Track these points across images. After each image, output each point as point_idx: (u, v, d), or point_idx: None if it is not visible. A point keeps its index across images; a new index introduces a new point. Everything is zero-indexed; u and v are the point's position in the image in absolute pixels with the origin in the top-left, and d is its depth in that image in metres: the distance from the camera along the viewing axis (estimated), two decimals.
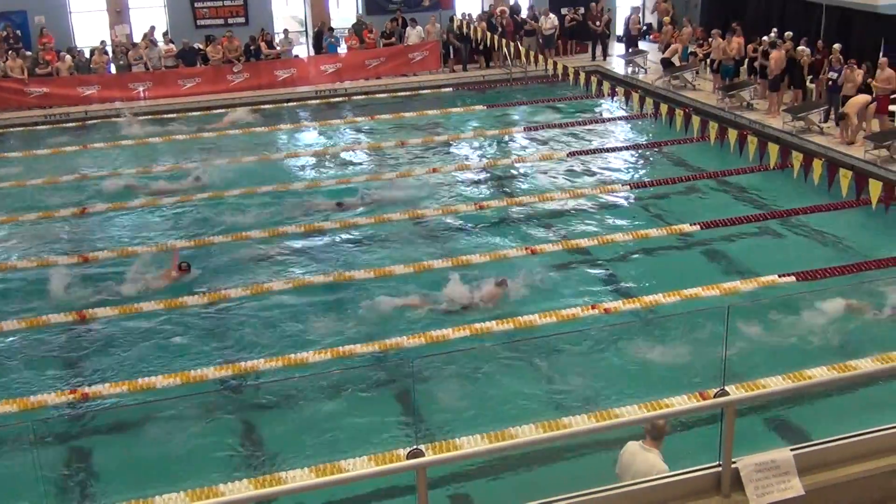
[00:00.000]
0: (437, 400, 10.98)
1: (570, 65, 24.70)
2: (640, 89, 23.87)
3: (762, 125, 21.08)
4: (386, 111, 24.85)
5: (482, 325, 12.77)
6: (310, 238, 16.28)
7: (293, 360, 12.03)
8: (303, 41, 30.24)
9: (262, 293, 14.07)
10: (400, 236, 16.20)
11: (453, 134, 22.85)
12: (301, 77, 26.94)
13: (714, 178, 18.80)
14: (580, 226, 16.52)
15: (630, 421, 7.47)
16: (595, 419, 10.35)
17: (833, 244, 15.48)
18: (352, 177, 19.51)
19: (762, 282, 13.79)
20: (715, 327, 10.97)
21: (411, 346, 12.28)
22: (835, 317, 12.65)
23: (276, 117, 24.71)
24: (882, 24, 21.98)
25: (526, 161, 20.44)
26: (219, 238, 16.31)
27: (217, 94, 25.96)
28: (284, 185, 19.03)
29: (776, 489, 5.60)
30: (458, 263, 14.85)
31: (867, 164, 17.92)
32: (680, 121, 20.04)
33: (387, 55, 27.66)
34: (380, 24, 28.31)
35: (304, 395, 11.36)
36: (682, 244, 15.69)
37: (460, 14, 28.78)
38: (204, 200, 18.32)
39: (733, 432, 5.65)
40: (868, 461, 5.90)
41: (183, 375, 11.76)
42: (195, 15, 28.46)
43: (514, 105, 25.44)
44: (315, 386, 11.45)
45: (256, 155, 21.24)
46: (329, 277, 14.48)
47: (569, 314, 13.01)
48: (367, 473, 5.52)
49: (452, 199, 17.94)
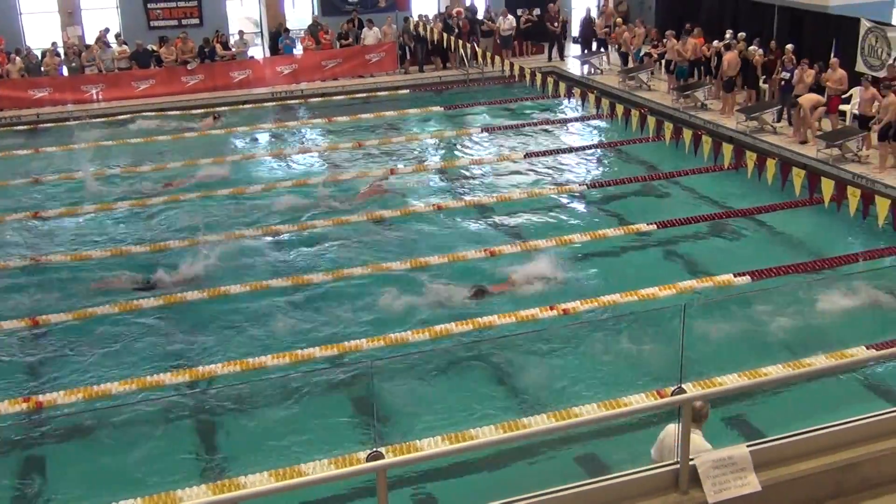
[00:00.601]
0: (396, 402, 10.97)
1: (526, 66, 24.80)
2: (596, 90, 24.03)
3: (716, 125, 21.31)
4: (343, 112, 24.77)
5: (441, 326, 12.76)
6: (267, 240, 16.18)
7: (251, 364, 11.94)
8: (258, 42, 30.06)
9: (219, 296, 13.96)
10: (358, 238, 16.16)
11: (410, 135, 22.84)
12: (257, 78, 26.77)
13: (670, 178, 18.96)
14: (538, 226, 16.58)
15: (588, 420, 7.52)
16: (554, 419, 10.39)
17: (787, 242, 15.68)
18: (308, 178, 19.42)
19: (718, 281, 13.93)
20: (672, 326, 11.09)
21: (370, 348, 12.24)
22: (789, 315, 12.83)
23: (233, 119, 24.53)
24: (833, 25, 22.31)
25: (483, 162, 20.47)
26: (175, 242, 16.16)
27: (172, 96, 25.72)
28: (241, 189, 18.90)
29: (733, 485, 5.66)
30: (416, 265, 14.84)
31: (819, 164, 18.19)
32: (636, 121, 20.20)
33: (343, 56, 27.58)
34: (335, 26, 28.22)
35: (262, 399, 11.29)
36: (638, 244, 15.81)
37: (416, 15, 28.78)
38: (161, 203, 18.15)
39: (690, 429, 5.70)
40: (822, 456, 5.98)
41: (139, 381, 11.62)
42: (148, 16, 28.16)
43: (471, 106, 25.47)
44: (274, 390, 11.38)
45: (212, 157, 21.07)
46: (287, 281, 14.40)
47: (528, 315, 13.04)
48: (326, 477, 5.50)
49: (410, 200, 17.91)
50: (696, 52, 23.52)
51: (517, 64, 25.02)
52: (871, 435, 6.13)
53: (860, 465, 5.98)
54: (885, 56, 20.41)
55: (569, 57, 29.17)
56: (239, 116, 24.77)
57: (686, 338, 9.35)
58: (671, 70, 24.12)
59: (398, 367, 11.69)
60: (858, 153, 18.28)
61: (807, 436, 6.06)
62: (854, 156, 18.26)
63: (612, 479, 5.75)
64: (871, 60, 20.83)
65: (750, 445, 5.86)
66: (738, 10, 25.58)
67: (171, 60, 26.19)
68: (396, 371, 11.60)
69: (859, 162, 18.15)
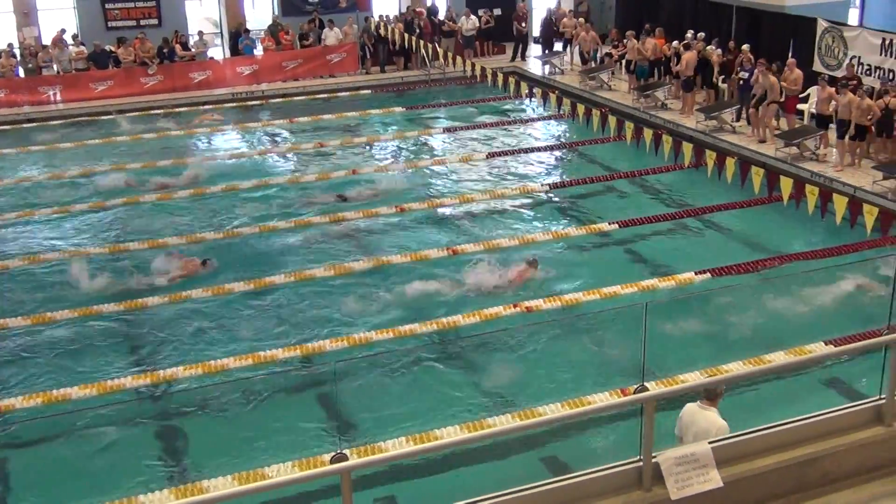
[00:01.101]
0: (361, 403, 10.94)
1: (488, 66, 24.83)
2: (557, 90, 24.12)
3: (676, 125, 21.48)
4: (304, 113, 24.66)
5: (406, 326, 12.74)
6: (229, 242, 16.06)
7: (213, 367, 11.84)
8: (218, 43, 29.84)
9: (179, 300, 13.83)
10: (319, 239, 16.10)
11: (372, 135, 22.79)
12: (217, 79, 26.57)
13: (631, 177, 19.08)
14: (500, 226, 16.61)
15: (552, 419, 7.53)
16: (518, 418, 10.41)
17: (746, 240, 15.83)
18: (270, 178, 19.31)
19: (679, 279, 14.04)
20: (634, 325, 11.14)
21: (334, 349, 12.19)
22: (749, 312, 12.97)
23: (192, 120, 24.33)
24: (790, 25, 22.58)
25: (446, 163, 20.47)
26: (134, 244, 16.00)
27: (130, 97, 25.45)
28: (201, 189, 18.75)
29: (695, 482, 5.70)
30: (378, 265, 14.82)
31: (778, 162, 18.40)
32: (597, 121, 20.30)
33: (304, 57, 27.45)
34: (296, 26, 28.07)
35: (225, 401, 11.20)
36: (600, 243, 15.89)
37: (377, 16, 28.72)
38: (119, 205, 17.96)
39: (653, 427, 5.73)
40: (783, 452, 6.05)
41: (99, 386, 11.48)
42: (106, 16, 27.81)
43: (433, 107, 25.46)
44: (237, 392, 11.30)
45: (171, 158, 20.90)
46: (249, 284, 14.30)
47: (491, 314, 13.06)
48: (290, 479, 5.48)
49: (373, 201, 17.86)
50: (656, 52, 23.70)
51: (479, 64, 25.05)
52: (831, 430, 6.21)
53: (820, 460, 6.06)
54: (841, 56, 20.70)
55: (530, 57, 29.25)
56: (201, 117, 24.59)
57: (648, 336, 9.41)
58: (631, 70, 24.28)
59: (362, 368, 11.65)
60: (816, 152, 18.51)
61: (767, 432, 6.12)
62: (812, 154, 18.48)
63: (577, 478, 5.78)
64: (827, 60, 21.11)
65: (712, 442, 5.91)
66: (697, 10, 25.80)
67: (130, 61, 25.92)
68: (361, 372, 11.56)
69: (817, 160, 18.37)
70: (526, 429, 8.03)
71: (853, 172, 17.61)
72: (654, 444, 5.77)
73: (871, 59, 19.91)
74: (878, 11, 27.08)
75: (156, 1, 28.16)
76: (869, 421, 6.33)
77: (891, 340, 6.50)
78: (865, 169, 17.61)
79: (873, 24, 23.43)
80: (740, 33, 23.59)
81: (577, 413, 8.09)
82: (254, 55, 27.45)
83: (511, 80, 22.99)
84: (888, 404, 6.30)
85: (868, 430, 6.27)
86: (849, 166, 17.81)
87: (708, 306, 13.28)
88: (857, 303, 13.16)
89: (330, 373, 10.85)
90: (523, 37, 29.06)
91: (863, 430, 6.27)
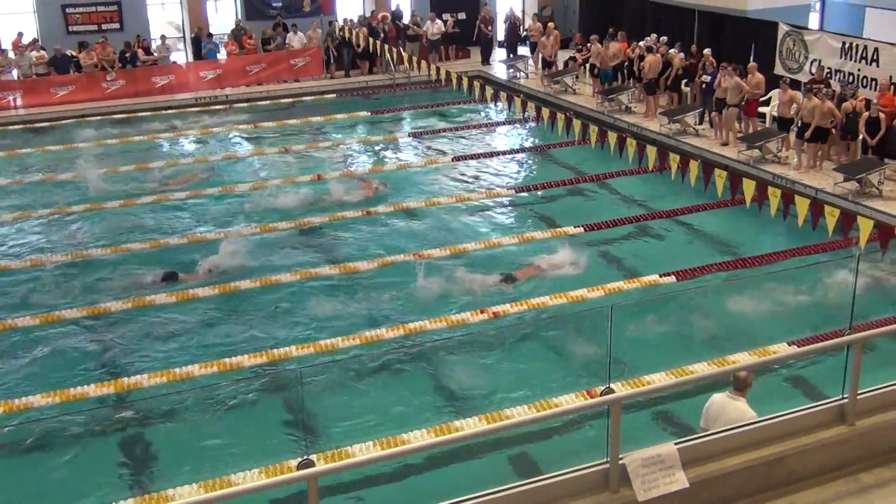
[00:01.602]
0: (328, 408, 10.89)
1: (453, 70, 24.84)
2: (522, 94, 24.18)
3: (640, 128, 21.61)
4: (268, 118, 24.54)
5: (372, 332, 12.71)
6: (194, 247, 15.93)
7: (178, 375, 11.74)
8: (181, 47, 29.62)
9: (142, 306, 13.70)
10: (286, 244, 16.02)
11: (337, 140, 22.72)
12: (180, 84, 26.37)
13: (596, 180, 19.16)
14: (466, 230, 16.61)
15: (519, 422, 7.53)
16: (486, 421, 10.41)
17: (711, 242, 15.96)
18: (235, 185, 19.19)
19: (644, 281, 14.11)
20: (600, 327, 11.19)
21: (299, 355, 12.14)
22: (714, 313, 13.07)
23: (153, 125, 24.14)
24: (752, 29, 22.81)
25: (411, 166, 20.45)
26: (97, 251, 15.84)
27: (92, 102, 25.19)
28: (164, 196, 18.60)
29: (662, 483, 5.72)
30: (345, 271, 14.77)
31: (741, 165, 18.56)
32: (561, 125, 20.36)
33: (268, 61, 27.32)
34: (259, 30, 27.92)
35: (190, 409, 11.11)
36: (565, 246, 15.90)
37: (342, 19, 28.65)
38: (81, 212, 17.77)
39: (619, 429, 5.74)
40: (749, 452, 6.08)
41: (62, 394, 11.35)
42: (67, 21, 27.51)
43: (398, 111, 25.44)
44: (202, 400, 11.20)
45: (133, 164, 20.72)
46: (214, 290, 14.20)
47: (458, 319, 13.05)
48: (256, 486, 5.42)
49: (339, 206, 17.80)
50: (619, 55, 23.84)
51: (444, 68, 25.06)
52: (796, 430, 6.26)
53: (786, 459, 6.09)
54: (802, 59, 20.94)
55: (495, 61, 29.31)
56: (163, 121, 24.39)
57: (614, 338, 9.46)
58: (595, 74, 24.40)
59: (328, 374, 11.60)
60: (778, 154, 18.71)
61: (733, 432, 6.15)
62: (774, 157, 18.67)
63: (543, 481, 5.77)
64: (788, 63, 21.34)
65: (678, 443, 5.93)
66: (659, 14, 26.00)
67: (91, 66, 25.66)
68: (327, 378, 11.52)
69: (779, 163, 18.56)
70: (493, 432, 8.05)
71: (815, 174, 17.82)
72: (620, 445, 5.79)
73: (831, 62, 20.16)
74: (837, 16, 27.44)
75: (117, 5, 27.90)
76: (833, 420, 6.38)
77: (852, 340, 6.56)
78: (826, 171, 17.82)
79: (833, 28, 23.73)
80: (702, 37, 23.80)
81: (544, 416, 8.10)
82: (217, 59, 27.26)
83: (476, 84, 23.02)
84: (850, 404, 6.36)
85: (832, 429, 6.33)
86: (810, 168, 18.01)
87: (673, 308, 13.37)
88: (820, 304, 13.30)
89: (296, 379, 10.78)
90: (488, 41, 29.12)
91: (827, 429, 6.32)
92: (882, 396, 6.57)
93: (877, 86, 18.50)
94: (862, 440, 6.32)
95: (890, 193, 16.58)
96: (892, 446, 6.41)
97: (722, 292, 13.69)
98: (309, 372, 10.94)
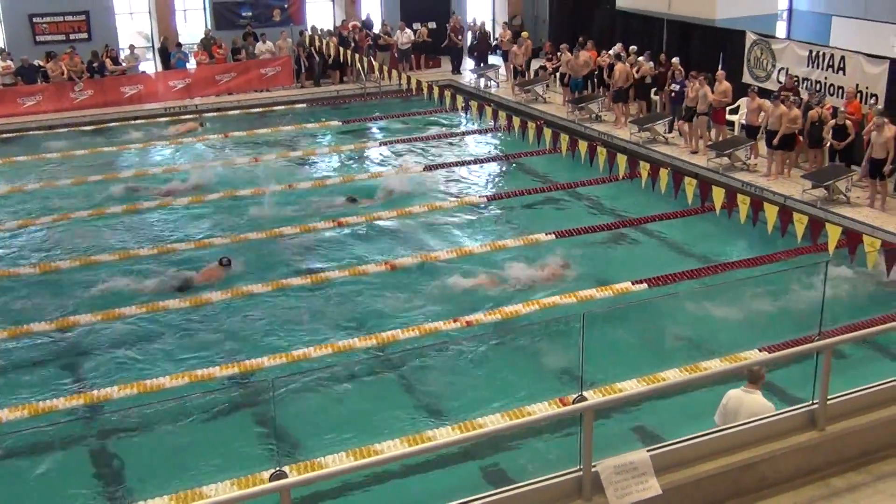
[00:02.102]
0: (300, 419, 10.83)
1: (423, 79, 24.86)
2: (492, 103, 24.24)
3: (610, 136, 21.72)
4: (238, 127, 24.43)
5: (344, 341, 12.66)
6: (162, 258, 15.82)
7: (149, 387, 11.64)
8: (150, 57, 29.44)
9: (113, 318, 13.58)
10: (257, 255, 15.94)
11: (309, 149, 22.66)
12: (149, 93, 26.21)
13: (567, 188, 19.23)
14: (437, 238, 16.60)
15: (492, 431, 7.54)
16: (459, 430, 10.40)
17: (681, 250, 16.04)
18: (205, 194, 19.08)
19: (616, 289, 14.15)
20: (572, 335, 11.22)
21: (271, 365, 12.07)
22: (685, 320, 13.14)
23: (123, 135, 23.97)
24: (720, 38, 23.01)
25: (382, 176, 20.42)
26: (65, 262, 15.69)
27: (60, 113, 24.97)
28: (134, 205, 18.47)
29: (635, 490, 5.73)
30: (316, 281, 14.71)
31: (710, 172, 18.70)
32: (532, 133, 20.43)
33: (238, 70, 27.21)
34: (229, 40, 27.82)
35: (161, 421, 11.00)
36: (537, 254, 15.93)
37: (311, 28, 28.61)
38: (47, 224, 17.60)
39: (592, 436, 5.75)
40: (721, 458, 6.11)
41: (31, 408, 11.21)
42: (34, 30, 27.28)
43: (369, 120, 25.41)
44: (173, 411, 11.10)
45: (102, 174, 20.58)
46: (185, 301, 14.10)
47: (431, 328, 13.03)
48: (229, 498, 5.37)
49: (310, 216, 17.74)
50: (589, 64, 23.95)
51: (414, 77, 25.08)
52: (767, 435, 6.30)
53: (757, 464, 6.13)
54: (770, 67, 21.14)
55: (465, 70, 29.38)
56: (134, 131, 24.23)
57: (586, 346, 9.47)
58: (566, 83, 24.51)
59: (301, 384, 11.54)
60: (747, 162, 18.86)
61: (705, 438, 6.18)
62: (743, 164, 18.82)
63: (516, 489, 5.77)
64: (756, 72, 21.55)
65: (650, 450, 5.95)
66: (628, 23, 26.17)
67: (59, 76, 25.45)
68: (299, 388, 11.46)
69: (748, 170, 18.71)
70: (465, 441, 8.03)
71: (783, 182, 17.98)
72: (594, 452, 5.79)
73: (798, 70, 20.37)
74: (804, 25, 27.74)
75: (85, 15, 27.70)
76: (803, 425, 6.43)
77: (822, 346, 6.62)
78: (795, 178, 17.98)
79: (800, 37, 23.99)
80: (671, 46, 23.97)
81: (517, 424, 8.08)
82: (186, 69, 27.11)
83: (447, 93, 23.06)
84: (821, 409, 6.41)
85: (803, 434, 6.38)
86: (779, 176, 18.17)
87: (645, 315, 13.43)
88: (790, 310, 13.41)
89: (267, 389, 10.72)
90: (458, 50, 29.19)
91: (798, 434, 6.37)
92: (852, 401, 6.63)
93: (843, 94, 18.73)
94: (833, 445, 6.38)
95: (857, 200, 16.76)
96: (863, 450, 6.47)
97: (693, 299, 13.77)
98: (281, 382, 10.87)
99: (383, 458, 7.23)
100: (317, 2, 30.78)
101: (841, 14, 26.19)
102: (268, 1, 29.47)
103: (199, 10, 29.70)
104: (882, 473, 6.37)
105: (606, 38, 25.94)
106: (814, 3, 27.68)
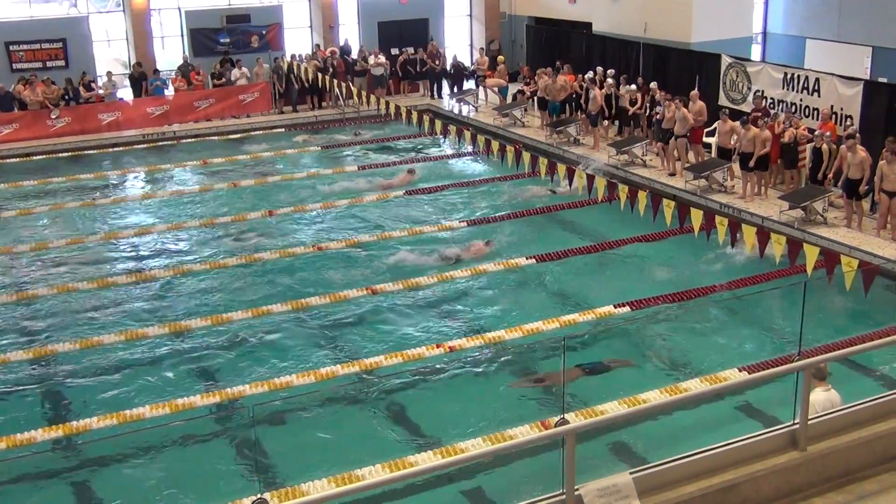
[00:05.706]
0: (282, 446, 10.77)
1: (402, 104, 24.92)
2: (471, 127, 24.31)
3: (589, 160, 21.81)
4: (217, 154, 24.39)
5: (327, 368, 12.61)
6: (141, 286, 15.74)
7: (128, 417, 11.54)
8: (128, 84, 29.34)
9: (91, 346, 13.47)
10: (236, 281, 15.88)
11: (287, 175, 22.64)
12: (126, 120, 26.13)
13: (546, 212, 19.28)
14: (418, 263, 16.57)
15: (475, 455, 7.51)
16: (441, 455, 10.36)
17: (661, 271, 16.06)
18: (184, 221, 19.02)
19: (599, 313, 14.16)
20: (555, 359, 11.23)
21: (253, 393, 11.99)
22: (666, 342, 13.18)
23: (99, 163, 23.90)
24: (695, 61, 23.22)
25: (363, 200, 20.41)
26: (43, 290, 15.57)
27: (37, 140, 24.86)
28: (112, 234, 18.39)
29: None
30: (297, 307, 14.66)
31: (688, 194, 18.81)
32: (511, 157, 20.48)
33: (216, 96, 27.19)
34: (207, 67, 27.82)
35: (142, 451, 10.89)
36: (519, 278, 15.96)
37: (290, 55, 28.66)
38: (27, 252, 17.50)
39: (574, 459, 5.74)
40: (703, 479, 6.11)
41: (8, 440, 11.08)
42: (10, 58, 27.18)
43: (347, 145, 25.42)
44: (154, 441, 11.02)
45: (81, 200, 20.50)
46: (164, 328, 14.01)
47: (414, 354, 12.99)
48: None
49: (290, 241, 17.71)
50: (566, 88, 24.10)
51: (393, 102, 25.12)
52: (749, 456, 6.30)
53: (739, 485, 6.13)
54: (745, 90, 21.34)
55: (444, 95, 29.49)
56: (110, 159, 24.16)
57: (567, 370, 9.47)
58: (543, 106, 24.63)
59: (283, 411, 11.48)
60: (724, 183, 18.99)
61: (687, 460, 6.18)
62: (720, 186, 18.95)
63: None
64: (732, 94, 21.75)
65: (633, 472, 5.94)
66: (605, 47, 26.38)
67: (36, 103, 25.34)
68: (281, 415, 11.39)
69: (725, 192, 18.84)
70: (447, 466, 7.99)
71: (760, 203, 18.11)
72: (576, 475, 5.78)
73: (774, 92, 20.58)
74: (778, 47, 28.04)
75: (62, 42, 27.65)
76: (785, 445, 6.44)
77: (802, 366, 6.65)
78: (772, 199, 18.12)
79: (775, 60, 24.25)
80: (647, 69, 24.16)
81: (499, 448, 8.05)
82: (164, 96, 27.07)
83: (426, 117, 23.11)
84: (802, 429, 6.43)
85: (784, 454, 6.39)
86: (755, 197, 18.30)
87: (625, 338, 13.46)
88: (769, 330, 13.48)
89: (248, 416, 10.66)
90: (437, 75, 29.31)
91: (779, 455, 6.38)
92: (832, 421, 6.66)
93: (819, 115, 18.91)
94: (814, 465, 6.39)
95: (834, 221, 16.90)
96: (844, 470, 6.49)
97: (672, 320, 13.81)
98: (262, 410, 10.80)
99: (364, 485, 7.18)
100: (295, 28, 30.85)
101: (814, 37, 26.52)
102: (246, 27, 29.52)
103: (177, 37, 29.70)
104: (864, 493, 6.39)
105: (583, 61, 26.13)
106: (788, 25, 27.99)
